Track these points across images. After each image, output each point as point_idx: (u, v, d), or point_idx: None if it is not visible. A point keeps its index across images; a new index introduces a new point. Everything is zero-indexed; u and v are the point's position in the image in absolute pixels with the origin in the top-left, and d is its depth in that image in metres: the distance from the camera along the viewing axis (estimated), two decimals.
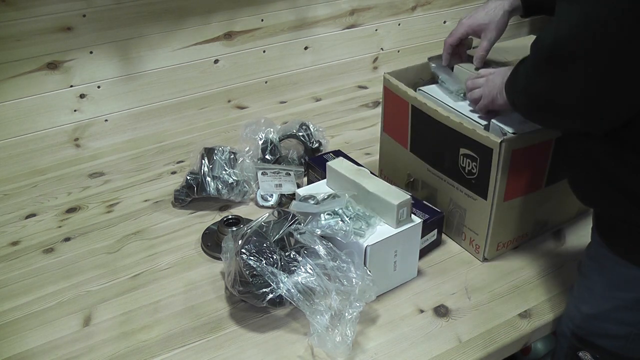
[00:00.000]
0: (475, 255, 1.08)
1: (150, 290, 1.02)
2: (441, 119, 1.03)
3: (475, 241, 1.06)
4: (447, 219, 1.10)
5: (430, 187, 1.12)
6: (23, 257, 1.11)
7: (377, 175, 1.19)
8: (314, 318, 0.87)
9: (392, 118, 1.17)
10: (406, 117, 1.11)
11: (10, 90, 1.33)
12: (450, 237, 1.12)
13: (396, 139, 1.17)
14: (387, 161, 1.24)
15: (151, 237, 1.15)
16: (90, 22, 1.36)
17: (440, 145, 1.05)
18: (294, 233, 0.94)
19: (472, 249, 1.08)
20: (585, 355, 0.89)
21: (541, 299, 0.99)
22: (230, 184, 1.21)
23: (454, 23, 1.93)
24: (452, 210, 1.09)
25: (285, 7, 1.61)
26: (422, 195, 1.14)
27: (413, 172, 1.15)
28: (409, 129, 1.12)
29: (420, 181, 1.14)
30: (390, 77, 1.16)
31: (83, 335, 0.94)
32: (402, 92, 1.11)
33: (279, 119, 1.55)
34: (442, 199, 1.10)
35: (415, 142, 1.12)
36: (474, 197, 1.02)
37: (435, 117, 1.04)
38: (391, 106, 1.16)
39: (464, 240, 1.09)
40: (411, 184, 1.17)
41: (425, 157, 1.11)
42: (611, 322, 0.85)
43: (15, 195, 1.30)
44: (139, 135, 1.52)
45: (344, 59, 1.79)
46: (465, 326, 0.94)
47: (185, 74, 1.54)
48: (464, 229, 1.08)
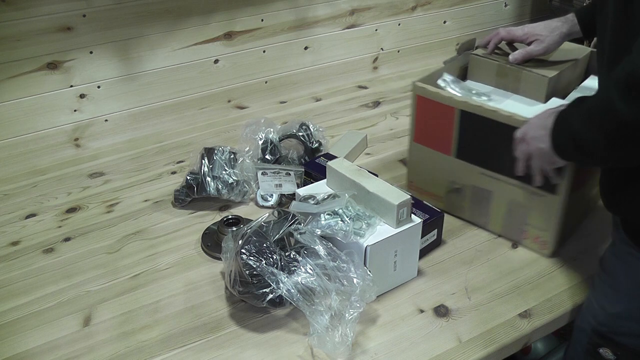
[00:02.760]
0: (539, 252, 1.08)
1: (150, 290, 1.02)
2: (504, 119, 1.00)
3: (542, 238, 1.06)
4: (504, 219, 1.09)
5: (481, 191, 1.10)
6: (23, 257, 1.11)
7: (406, 187, 1.20)
8: (314, 318, 0.87)
9: (429, 126, 1.12)
10: (451, 122, 1.08)
11: (10, 90, 1.33)
12: (505, 237, 1.11)
13: (434, 148, 1.13)
14: (420, 171, 1.19)
15: (151, 237, 1.15)
16: (90, 22, 1.36)
17: (500, 146, 1.02)
18: (294, 233, 0.94)
19: (536, 246, 1.08)
20: (606, 352, 0.90)
21: (541, 299, 0.99)
22: (230, 184, 1.21)
23: (454, 23, 1.94)
24: (511, 210, 1.08)
25: (285, 7, 1.61)
26: (470, 202, 1.13)
27: (459, 178, 1.12)
28: (455, 134, 1.09)
29: (469, 187, 1.11)
30: (424, 84, 1.11)
31: (83, 335, 0.94)
32: (445, 98, 1.07)
33: (279, 119, 1.55)
34: (497, 201, 1.09)
35: (464, 147, 1.09)
36: (540, 193, 1.01)
37: (495, 118, 1.01)
38: (427, 114, 1.11)
39: (525, 238, 1.08)
40: (456, 191, 1.14)
41: (478, 160, 1.08)
42: (635, 321, 0.86)
43: (15, 195, 1.30)
44: (139, 135, 1.52)
45: (344, 59, 1.79)
46: (465, 326, 0.94)
47: (185, 74, 1.54)
48: (526, 227, 1.07)
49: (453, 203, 1.15)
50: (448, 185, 1.15)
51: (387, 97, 1.72)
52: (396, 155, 1.41)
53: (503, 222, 1.10)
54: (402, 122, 1.57)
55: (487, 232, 1.14)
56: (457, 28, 1.96)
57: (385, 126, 1.55)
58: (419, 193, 1.18)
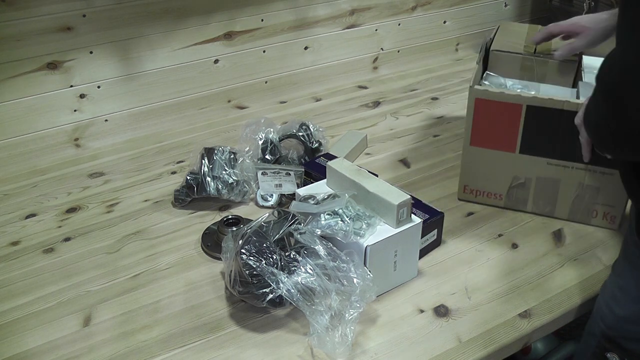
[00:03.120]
0: (609, 227, 1.14)
1: (150, 290, 1.02)
2: (575, 108, 1.04)
3: (611, 213, 1.13)
4: (572, 204, 1.15)
5: (548, 181, 1.15)
6: (23, 257, 1.11)
7: (460, 192, 1.23)
8: (314, 318, 0.87)
9: (491, 128, 1.14)
10: (517, 120, 1.10)
11: (10, 90, 1.33)
12: (573, 220, 1.17)
13: (495, 148, 1.15)
14: (477, 174, 1.20)
15: (151, 237, 1.15)
16: (90, 22, 1.36)
17: (571, 134, 1.06)
18: (294, 233, 0.94)
19: (605, 222, 1.14)
20: (614, 357, 0.89)
21: (541, 299, 0.99)
22: (230, 184, 1.21)
23: (454, 23, 1.94)
24: (580, 194, 1.13)
25: (285, 7, 1.61)
26: (535, 193, 1.17)
27: (523, 173, 1.16)
28: (521, 130, 1.11)
29: (532, 179, 1.16)
30: (484, 86, 1.13)
31: (83, 335, 0.94)
32: (512, 96, 1.09)
33: (279, 119, 1.55)
34: (565, 187, 1.14)
35: (529, 142, 1.12)
36: (610, 172, 1.07)
37: (567, 108, 1.05)
38: (489, 116, 1.13)
39: (594, 217, 1.15)
40: (520, 186, 1.17)
41: (544, 152, 1.12)
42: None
43: (15, 195, 1.30)
44: (139, 135, 1.52)
45: (344, 59, 1.79)
46: (465, 326, 0.94)
47: (185, 74, 1.54)
48: (596, 207, 1.13)
49: (517, 198, 1.19)
50: (511, 181, 1.18)
51: (387, 97, 1.72)
52: (396, 155, 1.41)
53: (571, 206, 1.15)
54: (402, 122, 1.57)
55: (487, 232, 1.14)
56: (457, 28, 1.96)
57: (385, 126, 1.55)
58: (474, 196, 1.22)
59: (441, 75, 1.86)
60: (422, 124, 1.56)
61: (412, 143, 1.47)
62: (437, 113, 1.62)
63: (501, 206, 1.20)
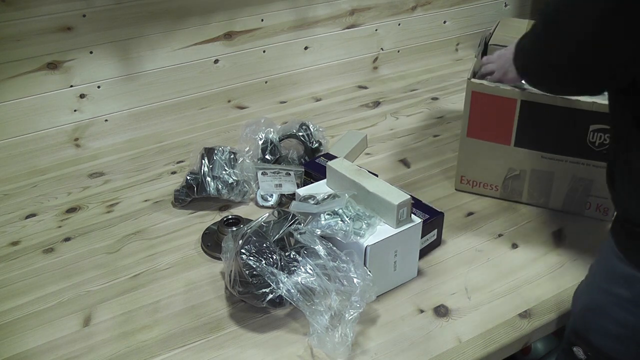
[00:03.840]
0: (602, 218, 1.16)
1: (150, 290, 1.02)
2: (568, 104, 1.07)
3: (604, 205, 1.15)
4: (566, 195, 1.17)
5: (542, 173, 1.17)
6: (23, 257, 1.11)
7: (457, 182, 1.26)
8: (314, 318, 0.87)
9: (486, 120, 1.17)
10: (512, 114, 1.13)
11: (10, 90, 1.33)
12: (567, 211, 1.19)
13: (491, 140, 1.18)
14: (473, 165, 1.23)
15: (151, 237, 1.15)
16: (90, 22, 1.36)
17: (563, 128, 1.11)
18: (294, 233, 0.94)
19: (599, 214, 1.17)
20: (579, 351, 0.89)
21: (541, 299, 0.99)
22: (230, 184, 1.21)
23: (454, 23, 1.94)
24: (574, 187, 1.16)
25: (285, 7, 1.61)
26: (529, 185, 1.20)
27: (518, 165, 1.18)
28: (515, 124, 1.14)
29: (527, 171, 1.18)
30: (481, 80, 1.15)
31: (83, 335, 0.94)
32: (507, 91, 1.12)
33: (279, 119, 1.55)
34: (559, 179, 1.17)
35: (523, 135, 1.15)
36: (603, 165, 1.07)
37: (560, 104, 1.08)
38: (485, 109, 1.16)
39: (588, 209, 1.17)
40: (514, 177, 1.20)
41: (538, 145, 1.15)
42: (604, 318, 0.84)
43: (15, 195, 1.30)
44: (139, 135, 1.52)
45: (344, 59, 1.79)
46: (465, 326, 0.94)
47: (185, 74, 1.54)
48: (589, 199, 1.16)
49: (512, 189, 1.21)
50: (506, 173, 1.20)
51: (387, 97, 1.72)
52: (396, 155, 1.41)
53: (565, 198, 1.18)
54: (402, 122, 1.57)
55: (487, 232, 1.14)
56: (457, 28, 1.96)
57: (385, 126, 1.55)
58: (470, 187, 1.25)
59: (441, 75, 1.86)
60: (422, 124, 1.56)
61: (412, 143, 1.47)
62: (437, 113, 1.62)
63: (497, 197, 1.23)
